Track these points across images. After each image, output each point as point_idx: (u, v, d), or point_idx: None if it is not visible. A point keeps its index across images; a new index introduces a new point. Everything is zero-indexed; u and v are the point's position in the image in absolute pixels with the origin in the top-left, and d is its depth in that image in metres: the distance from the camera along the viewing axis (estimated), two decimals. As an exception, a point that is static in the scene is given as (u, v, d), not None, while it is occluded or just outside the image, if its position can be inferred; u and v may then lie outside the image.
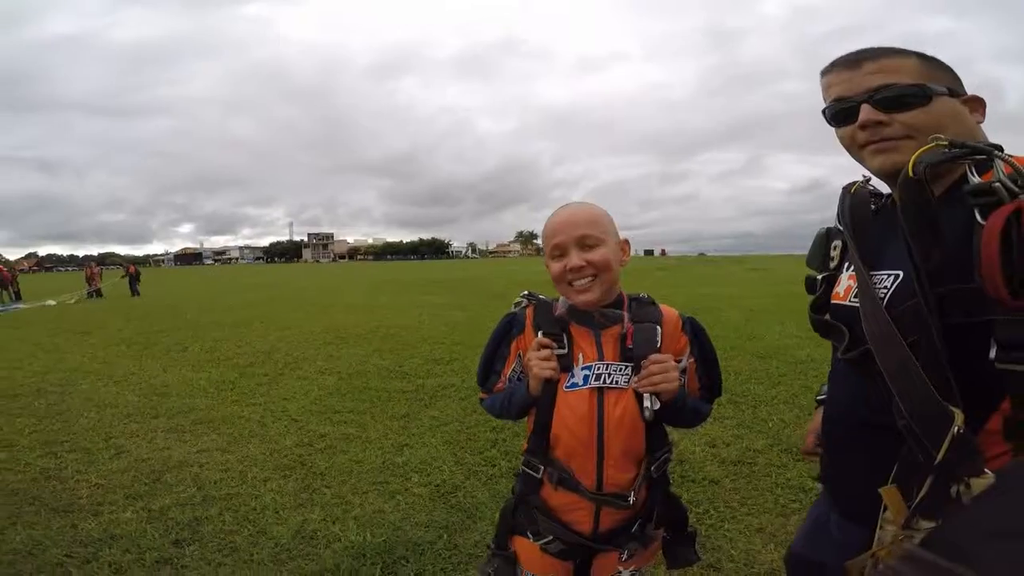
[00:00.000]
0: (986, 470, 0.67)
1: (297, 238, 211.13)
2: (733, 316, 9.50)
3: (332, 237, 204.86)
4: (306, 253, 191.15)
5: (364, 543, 2.40)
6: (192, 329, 9.85)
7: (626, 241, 1.23)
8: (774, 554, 2.21)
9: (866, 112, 0.88)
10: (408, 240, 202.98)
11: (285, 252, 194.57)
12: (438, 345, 7.38)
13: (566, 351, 1.16)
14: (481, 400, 1.34)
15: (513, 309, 1.28)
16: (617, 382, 1.14)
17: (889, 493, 0.78)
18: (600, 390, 1.15)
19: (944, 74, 0.89)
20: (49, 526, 2.60)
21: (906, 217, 0.79)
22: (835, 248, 1.06)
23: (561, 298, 1.22)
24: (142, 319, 11.89)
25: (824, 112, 0.97)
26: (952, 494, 0.69)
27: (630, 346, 1.15)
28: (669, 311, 1.24)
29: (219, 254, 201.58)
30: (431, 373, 5.76)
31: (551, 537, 1.21)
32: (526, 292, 1.29)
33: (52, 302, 16.94)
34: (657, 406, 1.12)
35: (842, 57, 0.94)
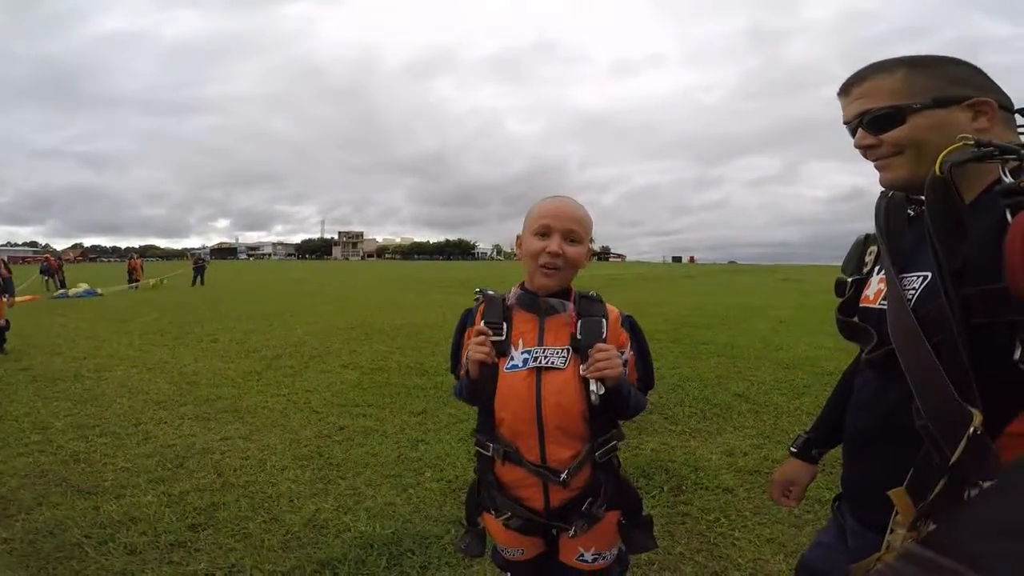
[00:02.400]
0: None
1: (328, 236, 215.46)
2: (759, 326, 9.29)
3: (362, 236, 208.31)
4: (336, 251, 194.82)
5: (373, 534, 2.44)
6: (224, 320, 10.16)
7: (591, 248, 1.35)
8: (783, 564, 2.16)
9: (857, 137, 0.95)
10: (435, 240, 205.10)
11: (316, 249, 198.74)
12: (459, 344, 7.44)
13: (503, 337, 1.27)
14: (454, 387, 1.45)
15: (471, 305, 1.40)
16: (553, 363, 1.24)
17: (897, 495, 0.78)
18: (538, 371, 1.24)
19: (935, 82, 0.87)
20: (73, 507, 2.69)
21: (931, 215, 0.80)
22: (870, 253, 1.08)
23: (513, 289, 1.35)
24: (177, 309, 12.31)
25: None
26: (964, 497, 0.68)
27: (579, 337, 1.24)
28: (612, 309, 1.33)
29: (253, 249, 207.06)
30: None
31: (509, 513, 1.31)
32: (479, 289, 1.41)
33: (100, 291, 17.64)
34: (602, 391, 1.19)
35: (843, 82, 0.98)
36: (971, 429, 0.68)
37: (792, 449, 1.32)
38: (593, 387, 1.18)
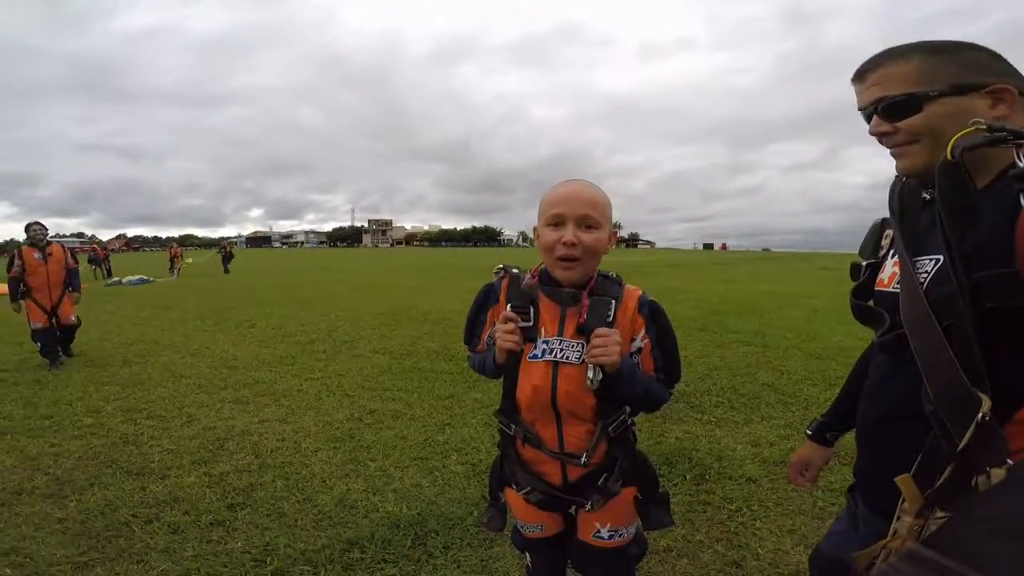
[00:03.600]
0: (1009, 461, 0.66)
1: (358, 224, 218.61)
2: (793, 315, 9.06)
3: (390, 224, 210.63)
4: (366, 238, 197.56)
5: (399, 514, 2.53)
6: (260, 307, 10.49)
7: (615, 232, 1.30)
8: (803, 556, 2.14)
9: (873, 124, 0.93)
10: (462, 228, 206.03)
11: (346, 237, 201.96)
12: (485, 331, 7.52)
13: (531, 323, 1.26)
14: (468, 358, 1.47)
15: (493, 280, 1.38)
16: (569, 357, 1.24)
17: (904, 482, 0.79)
18: (556, 363, 1.24)
19: (952, 69, 0.85)
20: (122, 488, 2.86)
21: (942, 200, 0.79)
22: (887, 237, 1.07)
23: (534, 271, 1.32)
24: (217, 296, 12.77)
25: None
26: (972, 484, 0.68)
27: (585, 319, 1.22)
28: (631, 291, 1.29)
29: (286, 238, 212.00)
30: (477, 358, 5.88)
31: (529, 488, 1.33)
32: (502, 265, 1.39)
33: (151, 279, 18.44)
34: (600, 376, 1.18)
35: (857, 68, 0.96)
36: (980, 415, 0.68)
37: (808, 431, 1.35)
38: (590, 374, 1.17)
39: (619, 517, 1.37)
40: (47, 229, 5.98)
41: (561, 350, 1.24)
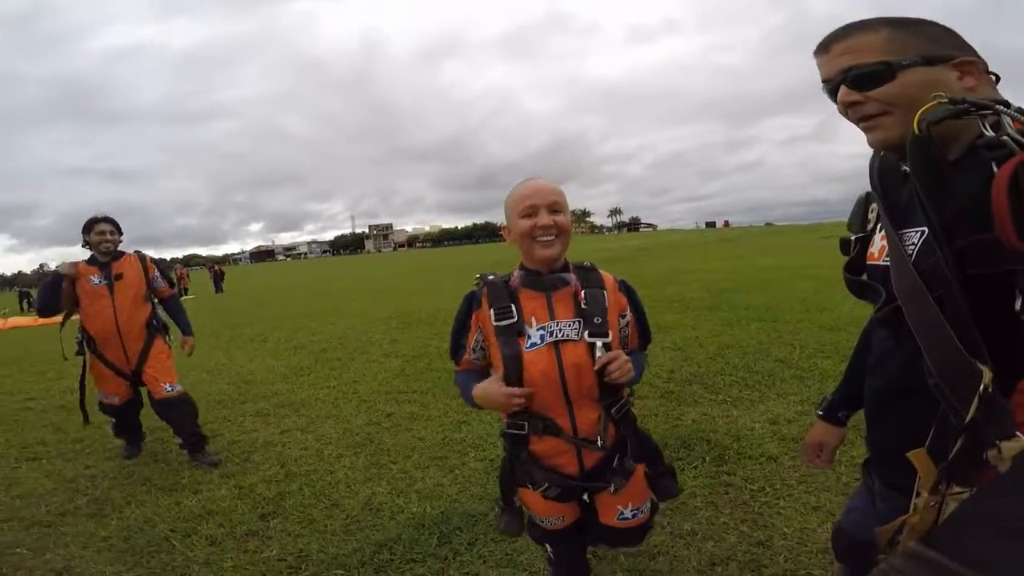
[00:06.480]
0: (1018, 433, 0.66)
1: (359, 230, 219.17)
2: (801, 287, 8.99)
3: (391, 227, 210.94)
4: (368, 244, 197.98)
5: (424, 514, 2.58)
6: (271, 321, 10.59)
7: (572, 218, 1.44)
8: (829, 533, 2.16)
9: (842, 94, 0.91)
10: (463, 226, 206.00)
11: (349, 244, 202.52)
12: (496, 328, 7.56)
13: (515, 319, 1.35)
14: (455, 374, 1.51)
15: (473, 288, 1.46)
16: (568, 335, 1.33)
17: (917, 456, 0.78)
18: (556, 344, 1.33)
19: (920, 41, 0.86)
20: (158, 504, 2.93)
21: (915, 174, 0.80)
22: (873, 211, 1.07)
23: (515, 272, 1.42)
24: (227, 313, 12.90)
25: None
26: (984, 458, 0.67)
27: (584, 306, 1.35)
28: (607, 276, 1.42)
29: (289, 250, 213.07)
30: (489, 355, 5.92)
31: (547, 484, 1.38)
32: (479, 275, 1.48)
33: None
34: (603, 354, 1.30)
35: (821, 40, 0.96)
36: (981, 386, 0.67)
37: (819, 412, 1.34)
38: (598, 353, 1.30)
39: (637, 495, 1.46)
40: (120, 232, 3.53)
41: (560, 330, 1.33)
